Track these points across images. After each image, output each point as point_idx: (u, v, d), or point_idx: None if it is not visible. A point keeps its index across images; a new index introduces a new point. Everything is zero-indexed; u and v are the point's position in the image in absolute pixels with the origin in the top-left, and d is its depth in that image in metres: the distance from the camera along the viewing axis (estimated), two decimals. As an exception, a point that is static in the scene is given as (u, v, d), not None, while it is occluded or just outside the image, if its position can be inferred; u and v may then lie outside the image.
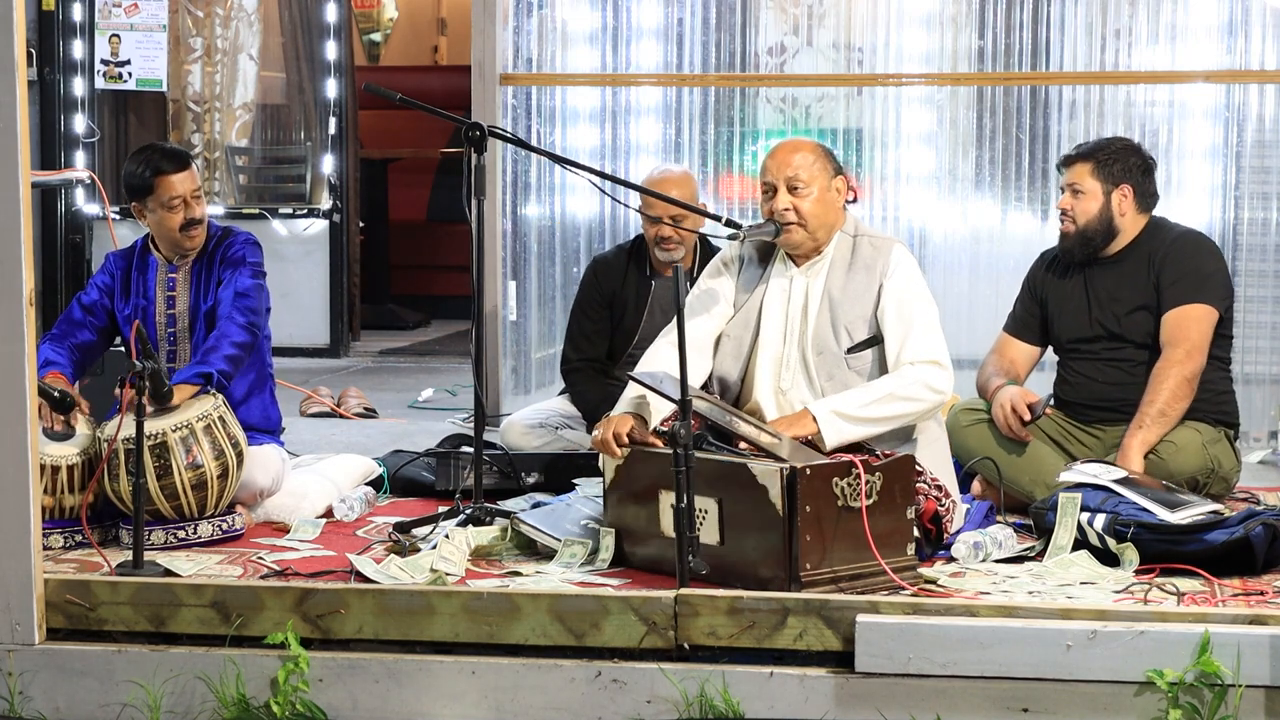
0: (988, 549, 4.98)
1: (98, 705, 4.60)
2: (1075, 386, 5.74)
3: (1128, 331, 5.64)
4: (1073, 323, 5.73)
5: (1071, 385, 5.75)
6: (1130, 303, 5.64)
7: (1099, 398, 5.67)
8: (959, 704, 4.30)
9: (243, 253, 5.63)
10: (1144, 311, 5.62)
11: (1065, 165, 5.74)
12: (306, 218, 9.69)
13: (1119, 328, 5.65)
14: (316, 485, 5.71)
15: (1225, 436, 5.59)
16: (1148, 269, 5.63)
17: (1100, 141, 5.83)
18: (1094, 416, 5.68)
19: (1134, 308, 5.64)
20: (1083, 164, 5.68)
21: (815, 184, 5.13)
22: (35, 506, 4.60)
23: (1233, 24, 7.28)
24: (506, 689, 4.47)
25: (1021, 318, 5.88)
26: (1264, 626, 4.27)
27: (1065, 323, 5.76)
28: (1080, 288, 5.73)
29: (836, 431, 4.90)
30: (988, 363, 5.86)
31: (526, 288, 7.80)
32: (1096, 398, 5.67)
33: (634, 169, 7.67)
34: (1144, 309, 5.62)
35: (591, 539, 5.00)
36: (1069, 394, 5.75)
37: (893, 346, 5.06)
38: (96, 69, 9.58)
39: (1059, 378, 5.84)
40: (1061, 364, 5.85)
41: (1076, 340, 5.73)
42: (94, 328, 5.70)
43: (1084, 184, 5.66)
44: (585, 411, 6.19)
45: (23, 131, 4.50)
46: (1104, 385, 5.66)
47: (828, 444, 4.86)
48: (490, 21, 7.59)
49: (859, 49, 7.66)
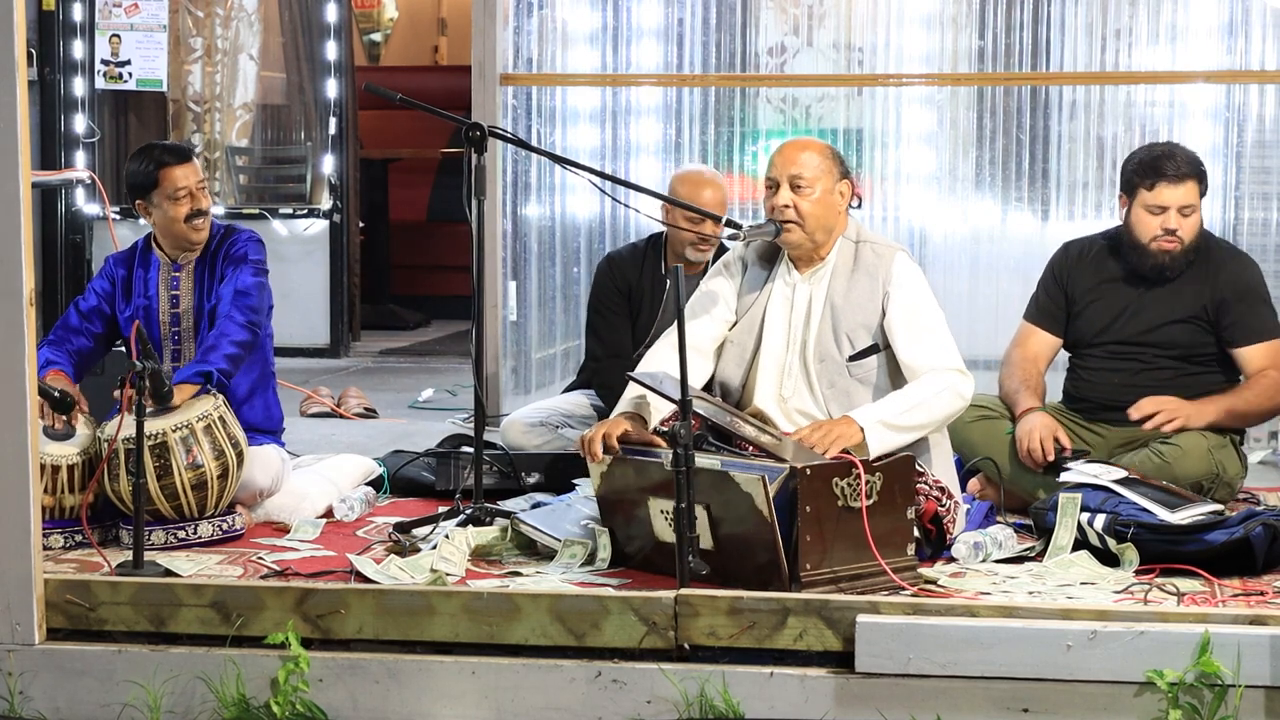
0: (988, 549, 4.98)
1: (98, 705, 4.60)
2: (1089, 383, 5.70)
3: (1162, 338, 5.60)
4: (1103, 320, 5.67)
5: (1084, 381, 5.72)
6: (1176, 314, 5.59)
7: (1112, 397, 5.63)
8: (959, 704, 4.30)
9: (245, 250, 5.63)
10: (1186, 325, 5.59)
11: (1173, 182, 5.53)
12: (307, 218, 9.69)
13: (1154, 334, 5.60)
14: (317, 485, 5.71)
15: (1231, 442, 5.58)
16: (1202, 286, 5.58)
17: (1189, 154, 5.63)
18: (1102, 415, 5.65)
19: (1178, 319, 5.59)
20: (1192, 182, 5.55)
21: (819, 184, 5.12)
22: (35, 506, 4.60)
23: (1233, 24, 7.29)
24: (506, 689, 4.47)
25: (1046, 308, 5.79)
26: (1264, 627, 4.27)
27: (1093, 319, 5.69)
28: (1120, 288, 5.66)
29: (880, 441, 4.84)
30: (1011, 360, 5.77)
31: (526, 288, 7.79)
32: (1109, 397, 5.63)
33: (634, 169, 7.68)
34: (1186, 322, 5.59)
35: (591, 539, 5.00)
36: (1079, 389, 5.72)
37: (909, 356, 5.03)
38: (97, 69, 9.58)
39: (1072, 372, 5.80)
40: (1076, 358, 5.80)
41: (1102, 338, 5.67)
42: (91, 334, 5.69)
43: (1194, 202, 5.55)
44: None
45: (23, 131, 4.50)
46: (1120, 385, 5.62)
47: (871, 453, 4.80)
48: (490, 21, 7.60)
49: (859, 49, 7.66)
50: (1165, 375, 5.60)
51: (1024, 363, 5.74)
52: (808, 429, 4.90)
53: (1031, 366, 5.73)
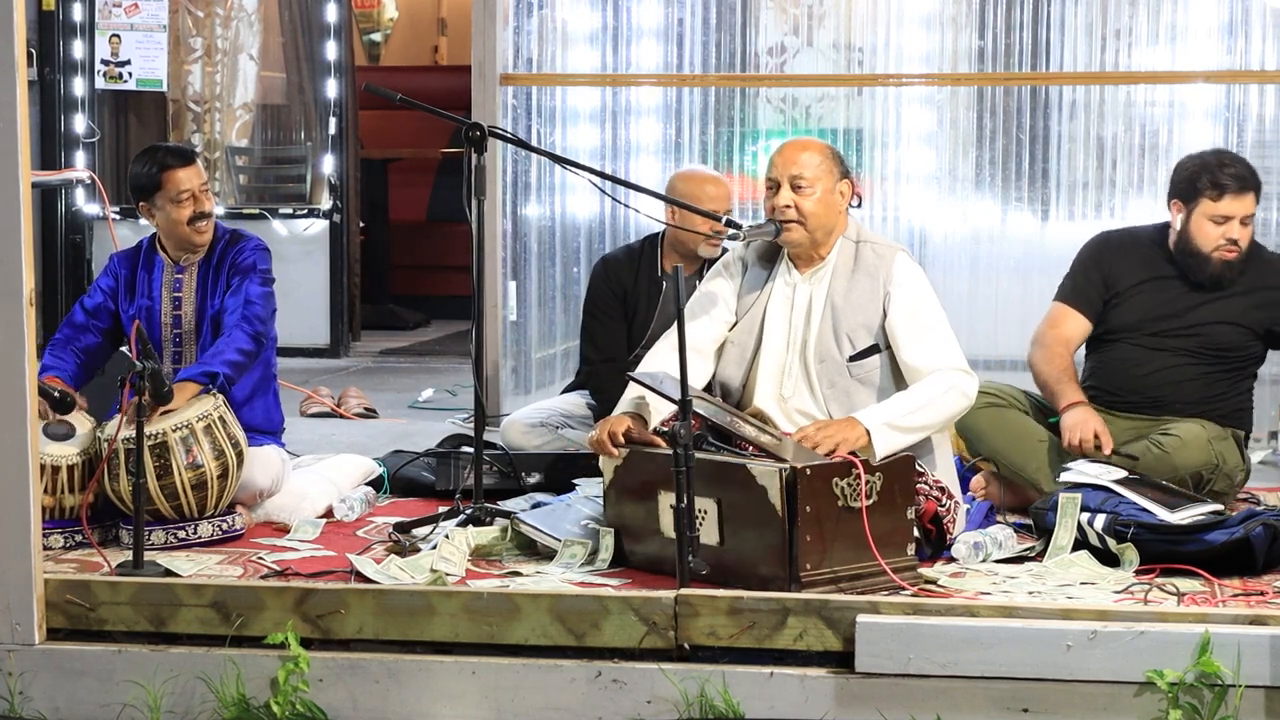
0: (988, 549, 4.98)
1: (98, 705, 4.60)
2: (1113, 372, 5.67)
3: (1208, 337, 5.60)
4: (1146, 312, 5.64)
5: (1108, 370, 5.69)
6: (1226, 316, 5.59)
7: (1135, 389, 5.62)
8: (959, 704, 4.30)
9: (253, 259, 5.64)
10: (1234, 328, 5.59)
11: (1238, 194, 5.53)
12: (307, 218, 9.69)
13: (1201, 332, 5.60)
14: (317, 485, 5.71)
15: (1233, 436, 5.58)
16: (1255, 291, 5.59)
17: (1249, 165, 5.63)
18: (1120, 404, 5.63)
19: (1228, 321, 5.59)
20: (1252, 193, 5.55)
21: (819, 184, 5.12)
22: (35, 506, 4.60)
23: (1233, 24, 7.29)
24: (506, 689, 4.47)
25: (1083, 291, 5.74)
26: (1264, 627, 4.27)
27: (1134, 309, 5.66)
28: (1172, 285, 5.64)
29: (886, 443, 4.83)
30: (1046, 341, 5.70)
31: (526, 288, 7.80)
32: (1132, 388, 5.62)
33: (634, 169, 7.68)
34: (1235, 325, 5.59)
35: (591, 539, 5.00)
36: (1100, 379, 5.69)
37: (912, 356, 5.02)
38: (97, 69, 9.58)
39: (1092, 358, 5.76)
40: (1101, 346, 5.75)
41: (1140, 329, 5.65)
42: (98, 330, 5.70)
43: (1253, 211, 5.57)
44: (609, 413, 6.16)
45: (23, 131, 4.50)
46: (1145, 376, 5.61)
47: (878, 455, 4.80)
48: (490, 21, 7.60)
49: (859, 49, 7.66)
50: (1197, 372, 5.59)
51: (1059, 345, 5.69)
52: (811, 428, 4.89)
53: (1065, 351, 5.69)
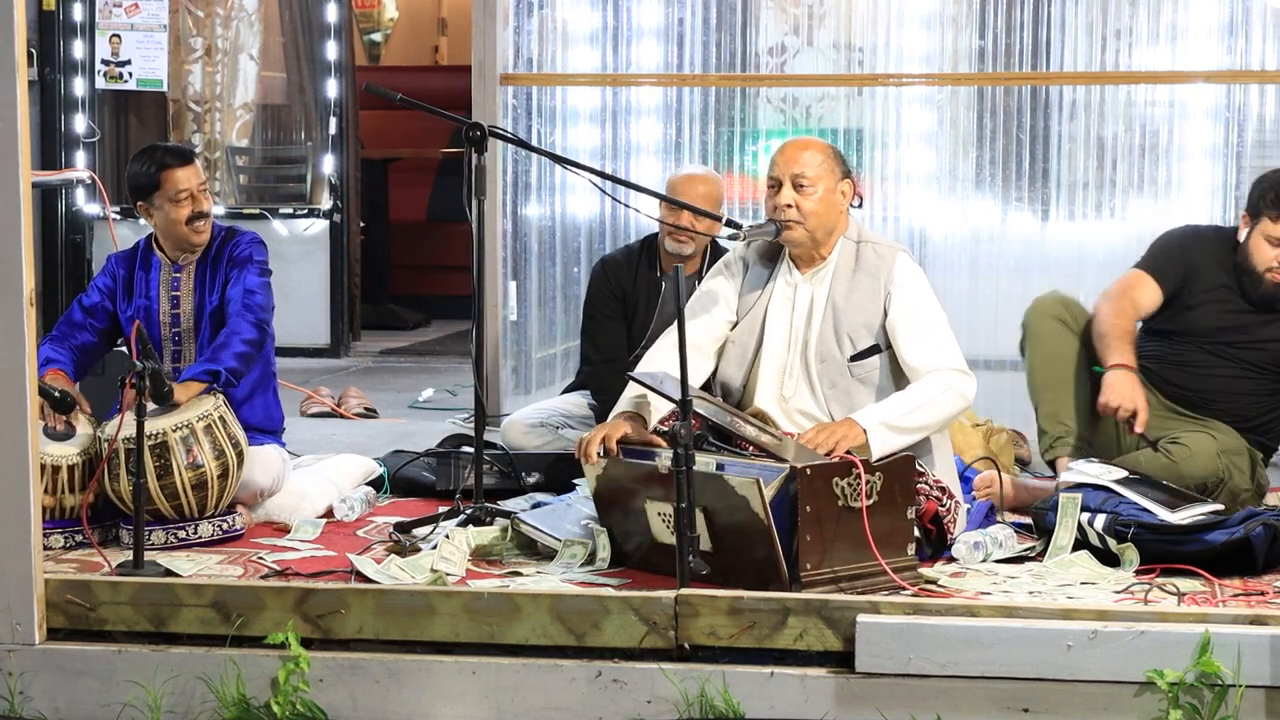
0: (988, 549, 4.98)
1: (98, 705, 4.59)
2: (1176, 367, 5.69)
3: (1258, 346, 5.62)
4: (1213, 322, 5.66)
5: (1171, 364, 5.69)
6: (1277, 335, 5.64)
7: (1195, 388, 5.65)
8: (959, 704, 4.30)
9: (249, 251, 5.64)
10: None
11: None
12: (307, 218, 9.68)
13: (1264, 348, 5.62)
14: (317, 485, 5.71)
15: (1250, 454, 5.59)
16: None
17: None
18: (1172, 394, 5.66)
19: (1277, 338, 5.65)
20: None
21: (820, 184, 5.12)
22: (35, 506, 4.59)
23: (1233, 24, 7.29)
24: (507, 689, 4.47)
25: (1165, 271, 5.72)
26: (1264, 626, 4.27)
27: (1205, 317, 5.68)
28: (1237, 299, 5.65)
29: (882, 442, 4.85)
30: (1116, 297, 5.69)
31: (526, 288, 7.80)
32: (1193, 387, 5.65)
33: (634, 169, 7.68)
34: None
35: (591, 539, 5.00)
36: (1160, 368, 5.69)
37: (911, 356, 5.03)
38: (97, 69, 9.58)
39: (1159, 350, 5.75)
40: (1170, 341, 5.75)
41: (1213, 337, 5.67)
42: (94, 329, 5.70)
43: None
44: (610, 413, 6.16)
45: (23, 131, 4.50)
46: (1208, 380, 5.64)
47: (874, 455, 4.80)
48: (490, 21, 7.60)
49: (859, 49, 7.66)
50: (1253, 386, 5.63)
51: (1130, 306, 5.68)
52: (811, 431, 4.90)
53: (1134, 313, 5.68)
